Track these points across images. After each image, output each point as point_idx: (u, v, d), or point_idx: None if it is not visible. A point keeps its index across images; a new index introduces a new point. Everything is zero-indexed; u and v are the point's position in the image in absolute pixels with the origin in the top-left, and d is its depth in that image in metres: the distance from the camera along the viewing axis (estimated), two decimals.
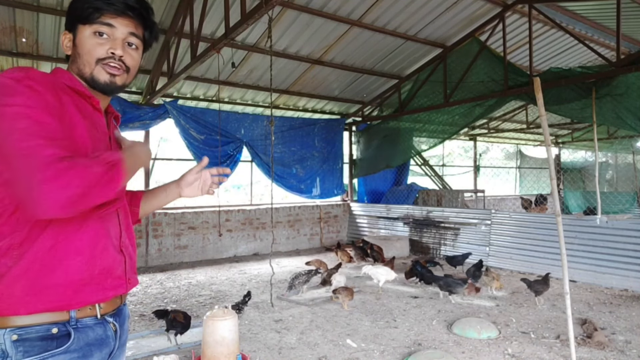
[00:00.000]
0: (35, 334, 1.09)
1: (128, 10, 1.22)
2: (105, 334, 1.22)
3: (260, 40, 6.91)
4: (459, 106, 8.07)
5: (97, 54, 1.20)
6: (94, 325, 1.19)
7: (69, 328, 1.13)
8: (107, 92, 1.26)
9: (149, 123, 7.66)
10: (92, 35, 1.20)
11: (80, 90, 1.19)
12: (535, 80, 3.29)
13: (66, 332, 1.13)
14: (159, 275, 6.94)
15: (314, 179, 9.82)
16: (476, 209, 9.34)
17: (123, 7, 1.21)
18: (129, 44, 1.25)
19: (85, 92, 1.20)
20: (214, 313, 3.36)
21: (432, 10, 6.97)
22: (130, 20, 1.23)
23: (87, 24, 1.19)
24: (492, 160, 16.48)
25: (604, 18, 7.47)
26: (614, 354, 3.71)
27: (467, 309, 5.03)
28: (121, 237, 1.29)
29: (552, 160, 3.32)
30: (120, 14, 1.21)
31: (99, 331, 1.20)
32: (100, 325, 1.21)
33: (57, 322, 1.12)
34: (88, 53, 1.20)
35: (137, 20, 1.25)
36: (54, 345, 1.10)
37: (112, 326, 1.25)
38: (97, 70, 1.21)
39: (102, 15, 1.19)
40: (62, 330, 1.12)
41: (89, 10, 1.18)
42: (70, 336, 1.13)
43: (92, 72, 1.21)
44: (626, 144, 13.42)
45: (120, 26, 1.21)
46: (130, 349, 3.85)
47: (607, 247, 6.05)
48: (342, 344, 3.97)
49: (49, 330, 1.10)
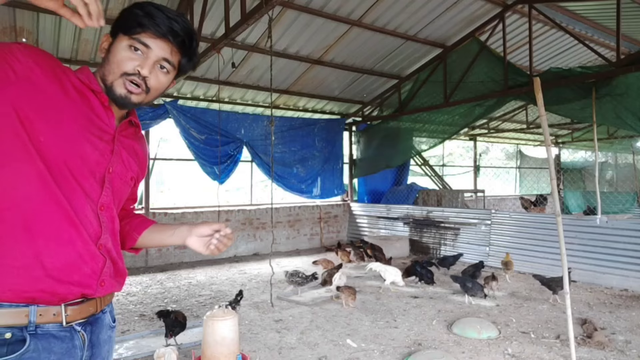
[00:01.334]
0: None
1: (170, 35, 1.20)
2: (72, 344, 1.14)
3: (260, 40, 6.91)
4: (459, 106, 8.07)
5: (125, 68, 1.19)
6: (58, 333, 1.12)
7: (25, 333, 1.06)
8: (118, 104, 1.24)
9: (149, 123, 7.66)
10: (127, 48, 1.19)
11: (92, 87, 1.19)
12: (535, 80, 3.29)
13: (21, 338, 1.05)
14: (159, 275, 6.94)
15: (315, 179, 9.82)
16: (476, 209, 9.34)
17: (165, 31, 1.19)
18: (160, 66, 1.23)
19: (96, 88, 1.20)
20: (214, 313, 3.36)
21: (432, 10, 6.97)
22: (169, 44, 1.22)
23: (127, 35, 1.19)
24: (492, 160, 16.48)
25: (604, 18, 7.47)
26: (614, 354, 3.71)
27: (467, 309, 5.03)
28: (101, 237, 1.20)
29: (552, 160, 3.32)
30: (161, 36, 1.19)
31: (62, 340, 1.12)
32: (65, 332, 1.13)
33: (13, 325, 1.05)
34: (117, 63, 1.19)
35: (176, 46, 1.24)
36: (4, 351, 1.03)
37: (80, 335, 1.17)
38: (117, 82, 1.19)
39: (144, 32, 1.18)
40: (17, 335, 1.05)
41: (133, 23, 1.18)
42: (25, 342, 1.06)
43: (113, 82, 1.20)
44: (626, 144, 13.43)
45: (156, 48, 1.20)
46: (130, 349, 3.86)
47: (607, 247, 6.05)
48: (342, 344, 3.97)
49: (2, 334, 1.03)
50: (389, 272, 5.76)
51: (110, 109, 1.24)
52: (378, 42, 7.61)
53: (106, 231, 1.22)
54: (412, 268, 6.08)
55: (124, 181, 1.30)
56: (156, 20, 1.17)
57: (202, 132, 8.12)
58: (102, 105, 1.22)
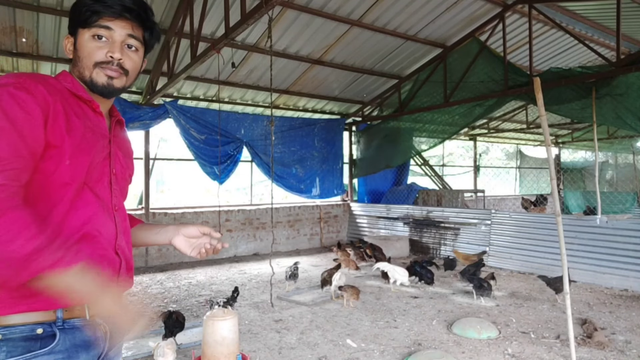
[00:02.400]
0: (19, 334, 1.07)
1: (125, 12, 1.22)
2: (95, 336, 1.19)
3: (260, 40, 6.91)
4: (459, 106, 8.07)
5: (96, 58, 1.21)
6: (82, 327, 1.17)
7: (55, 329, 1.11)
8: (105, 94, 1.25)
9: (149, 123, 7.66)
10: (91, 39, 1.21)
11: (80, 95, 1.20)
12: (535, 80, 3.29)
13: (51, 333, 1.11)
14: (159, 275, 6.94)
15: (314, 179, 9.82)
16: (476, 209, 9.34)
17: (120, 10, 1.21)
18: (128, 46, 1.25)
19: (84, 96, 1.21)
20: (214, 313, 3.36)
21: (432, 10, 6.97)
22: (128, 22, 1.23)
23: (86, 27, 1.21)
24: (492, 160, 16.48)
25: (604, 18, 7.47)
26: (614, 354, 3.71)
27: (467, 309, 5.03)
28: (117, 239, 1.27)
29: (552, 160, 3.32)
30: (118, 16, 1.21)
31: (87, 332, 1.17)
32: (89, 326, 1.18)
33: (43, 322, 1.10)
34: (87, 57, 1.21)
35: (135, 21, 1.25)
36: (38, 346, 1.08)
37: (102, 327, 1.22)
38: (95, 73, 1.21)
39: (100, 18, 1.20)
40: (48, 330, 1.10)
41: (87, 13, 1.19)
42: (56, 337, 1.11)
43: (90, 75, 1.21)
44: (626, 144, 13.43)
45: (118, 28, 1.21)
46: (130, 349, 3.86)
47: (607, 247, 6.05)
48: (342, 344, 3.97)
49: (34, 330, 1.08)
50: (397, 273, 5.78)
51: (101, 114, 1.27)
52: (378, 42, 7.61)
53: (120, 231, 1.29)
54: (412, 268, 6.08)
55: (124, 180, 1.37)
56: (107, 2, 1.19)
57: (202, 132, 8.11)
58: (94, 112, 1.25)
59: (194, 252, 1.43)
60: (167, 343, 3.52)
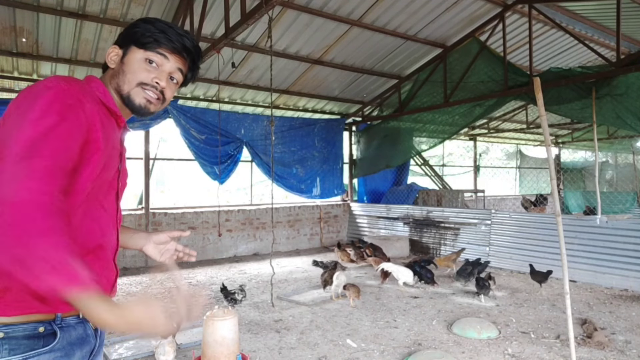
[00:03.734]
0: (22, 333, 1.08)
1: (184, 52, 1.29)
2: (86, 333, 1.22)
3: (260, 40, 6.91)
4: (459, 106, 8.07)
5: (141, 78, 1.25)
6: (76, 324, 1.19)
7: (55, 327, 1.13)
8: (137, 113, 1.30)
9: (149, 123, 7.66)
10: (143, 61, 1.25)
11: (110, 107, 1.23)
12: (535, 80, 3.29)
13: (52, 331, 1.12)
14: (159, 275, 6.93)
15: (314, 179, 9.82)
16: (476, 209, 9.34)
17: (180, 48, 1.28)
18: (171, 77, 1.31)
19: (114, 109, 1.24)
20: (214, 313, 3.36)
21: (432, 10, 6.97)
22: (182, 59, 1.30)
23: (142, 49, 1.25)
24: (492, 160, 16.48)
25: (604, 18, 7.47)
26: (614, 354, 3.71)
27: (467, 309, 5.03)
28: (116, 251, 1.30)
29: (552, 160, 3.32)
30: (177, 52, 1.28)
31: (79, 330, 1.20)
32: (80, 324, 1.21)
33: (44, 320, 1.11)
34: (133, 74, 1.25)
35: (187, 60, 1.32)
36: (40, 344, 1.09)
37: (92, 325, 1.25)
38: (135, 91, 1.25)
39: (159, 47, 1.25)
40: (49, 329, 1.12)
41: (149, 38, 1.24)
42: (56, 335, 1.12)
43: (130, 91, 1.25)
44: (626, 144, 13.43)
45: (172, 62, 1.28)
46: (130, 349, 3.86)
47: (607, 247, 6.05)
48: (342, 344, 3.97)
49: (36, 329, 1.09)
50: (401, 273, 5.80)
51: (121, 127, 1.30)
52: (378, 42, 7.61)
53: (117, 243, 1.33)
54: (412, 268, 6.08)
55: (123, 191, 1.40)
56: (170, 37, 1.26)
57: (202, 132, 8.12)
58: (119, 127, 1.28)
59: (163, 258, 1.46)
60: (169, 342, 3.54)
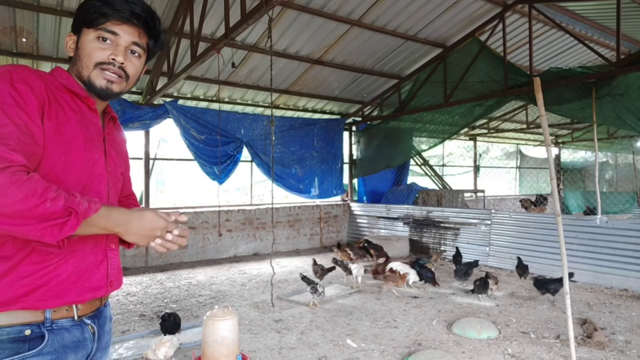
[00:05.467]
0: (7, 336, 1.05)
1: (133, 18, 1.21)
2: (83, 336, 1.19)
3: (260, 40, 6.91)
4: (459, 106, 8.07)
5: (97, 58, 1.20)
6: (71, 327, 1.16)
7: (43, 330, 1.10)
8: (102, 97, 1.25)
9: (149, 123, 7.66)
10: (95, 40, 1.20)
11: (76, 91, 1.20)
12: (535, 80, 3.29)
13: (40, 334, 1.09)
14: (159, 275, 6.94)
15: (313, 179, 9.82)
16: (476, 209, 9.34)
17: (129, 15, 1.20)
18: (131, 51, 1.25)
19: (80, 92, 1.21)
20: (214, 313, 3.36)
21: (432, 10, 6.97)
22: (135, 28, 1.23)
23: (91, 28, 1.19)
24: (492, 160, 16.48)
25: (604, 18, 7.47)
26: (614, 354, 3.71)
27: (467, 309, 5.03)
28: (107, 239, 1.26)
29: (552, 160, 3.32)
30: (126, 21, 1.21)
31: (75, 333, 1.17)
32: (77, 327, 1.18)
33: (31, 323, 1.08)
34: (88, 56, 1.20)
35: (142, 28, 1.25)
36: (26, 347, 1.07)
37: (90, 328, 1.22)
38: (94, 74, 1.20)
39: (108, 21, 1.19)
40: (36, 331, 1.09)
41: (94, 15, 1.18)
42: (44, 338, 1.09)
43: (89, 75, 1.20)
44: (626, 144, 13.43)
45: (124, 34, 1.21)
46: (130, 349, 3.86)
47: (607, 247, 6.05)
48: (342, 344, 3.97)
49: (22, 332, 1.07)
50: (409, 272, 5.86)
51: (96, 111, 1.26)
52: (378, 42, 7.61)
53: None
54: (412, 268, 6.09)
55: (117, 179, 1.35)
56: (116, 7, 1.19)
57: (202, 132, 8.11)
58: (90, 109, 1.23)
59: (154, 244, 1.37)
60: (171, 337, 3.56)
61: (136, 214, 1.13)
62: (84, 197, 1.03)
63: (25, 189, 0.93)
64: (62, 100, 1.14)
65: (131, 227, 1.12)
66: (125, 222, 1.11)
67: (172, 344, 3.52)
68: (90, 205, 1.02)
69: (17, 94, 1.03)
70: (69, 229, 0.98)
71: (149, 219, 1.15)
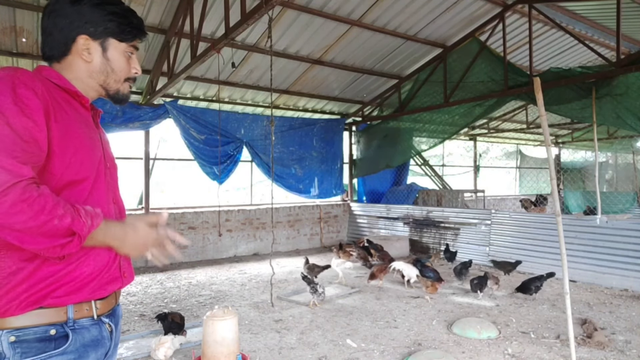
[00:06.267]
0: (33, 336, 1.08)
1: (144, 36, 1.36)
2: (101, 335, 1.22)
3: (260, 40, 6.91)
4: (459, 106, 8.07)
5: (128, 74, 1.31)
6: (90, 326, 1.19)
7: (67, 329, 1.13)
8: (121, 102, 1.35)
9: (149, 123, 7.66)
10: (123, 54, 1.28)
11: (69, 89, 1.20)
12: (535, 80, 3.29)
13: (64, 334, 1.12)
14: (159, 275, 6.94)
15: (312, 179, 9.82)
16: (476, 209, 9.34)
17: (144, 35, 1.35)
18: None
19: (76, 92, 1.22)
20: (214, 313, 3.36)
21: (432, 10, 6.97)
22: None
23: (123, 42, 1.26)
24: (492, 160, 16.49)
25: (604, 18, 7.47)
26: (614, 354, 3.71)
27: (467, 309, 5.03)
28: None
29: (552, 160, 3.32)
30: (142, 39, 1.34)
31: (94, 332, 1.20)
32: (96, 326, 1.21)
33: (55, 323, 1.11)
34: (122, 71, 1.29)
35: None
36: (52, 346, 1.10)
37: (107, 327, 1.25)
38: (123, 87, 1.31)
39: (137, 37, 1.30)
40: (60, 331, 1.12)
41: (127, 29, 1.25)
42: (68, 337, 1.13)
43: (119, 87, 1.30)
44: (626, 144, 13.43)
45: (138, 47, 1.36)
46: (130, 349, 3.86)
47: (607, 247, 6.05)
48: (342, 344, 3.97)
49: (47, 331, 1.10)
50: (411, 270, 5.88)
51: (89, 109, 1.29)
52: (378, 42, 7.61)
53: None
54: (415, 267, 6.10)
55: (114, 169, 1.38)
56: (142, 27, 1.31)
57: (202, 132, 8.11)
58: (84, 107, 1.26)
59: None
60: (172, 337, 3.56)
61: (130, 227, 1.17)
62: (88, 213, 1.06)
63: (36, 205, 0.96)
64: (60, 100, 1.16)
65: (127, 241, 1.16)
66: (121, 237, 1.15)
67: (172, 345, 3.52)
68: (93, 222, 1.06)
69: (20, 100, 1.04)
70: (69, 249, 1.03)
71: (142, 233, 1.19)
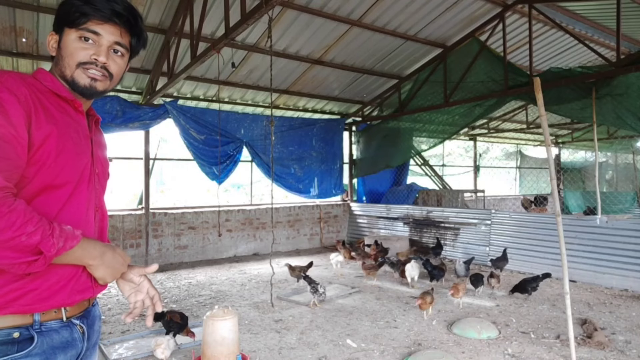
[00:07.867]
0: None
1: (115, 17, 1.21)
2: (72, 337, 1.20)
3: (260, 40, 6.90)
4: (459, 106, 8.06)
5: (79, 58, 1.20)
6: (60, 328, 1.17)
7: (32, 332, 1.11)
8: (86, 95, 1.25)
9: (149, 123, 7.66)
10: (77, 40, 1.20)
11: (61, 94, 1.19)
12: (535, 80, 3.29)
13: (29, 336, 1.10)
14: (159, 275, 6.94)
15: (312, 179, 9.81)
16: (476, 209, 9.34)
17: (110, 14, 1.20)
18: (114, 50, 1.25)
19: (67, 95, 1.21)
20: (214, 313, 3.36)
21: (432, 10, 6.97)
22: (117, 27, 1.23)
23: (73, 27, 1.19)
24: (492, 160, 16.48)
25: (604, 18, 7.47)
26: (614, 354, 3.71)
27: (467, 309, 5.03)
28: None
29: (552, 160, 3.32)
30: (107, 20, 1.20)
31: (64, 334, 1.18)
32: (66, 328, 1.19)
33: (20, 326, 1.09)
34: (70, 56, 1.20)
35: (123, 27, 1.24)
36: (14, 349, 1.08)
37: (79, 328, 1.23)
38: (77, 74, 1.20)
39: (89, 20, 1.18)
40: (25, 334, 1.10)
41: (75, 14, 1.18)
42: (33, 340, 1.11)
43: (72, 74, 1.20)
44: (626, 144, 13.43)
45: (106, 34, 1.21)
46: (130, 349, 3.86)
47: (607, 247, 6.05)
48: (342, 344, 3.97)
49: (10, 334, 1.08)
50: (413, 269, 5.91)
51: (82, 113, 1.26)
52: (378, 42, 7.61)
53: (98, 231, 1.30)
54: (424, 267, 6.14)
55: (104, 178, 1.36)
56: (97, 6, 1.18)
57: (201, 132, 8.11)
58: (77, 111, 1.24)
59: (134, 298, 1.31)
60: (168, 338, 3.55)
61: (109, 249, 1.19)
62: (63, 233, 1.04)
63: (4, 221, 0.95)
64: (48, 104, 1.14)
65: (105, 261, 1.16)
66: (99, 256, 1.15)
67: (167, 346, 3.49)
68: (66, 244, 1.04)
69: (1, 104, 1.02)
70: (35, 267, 1.02)
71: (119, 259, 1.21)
